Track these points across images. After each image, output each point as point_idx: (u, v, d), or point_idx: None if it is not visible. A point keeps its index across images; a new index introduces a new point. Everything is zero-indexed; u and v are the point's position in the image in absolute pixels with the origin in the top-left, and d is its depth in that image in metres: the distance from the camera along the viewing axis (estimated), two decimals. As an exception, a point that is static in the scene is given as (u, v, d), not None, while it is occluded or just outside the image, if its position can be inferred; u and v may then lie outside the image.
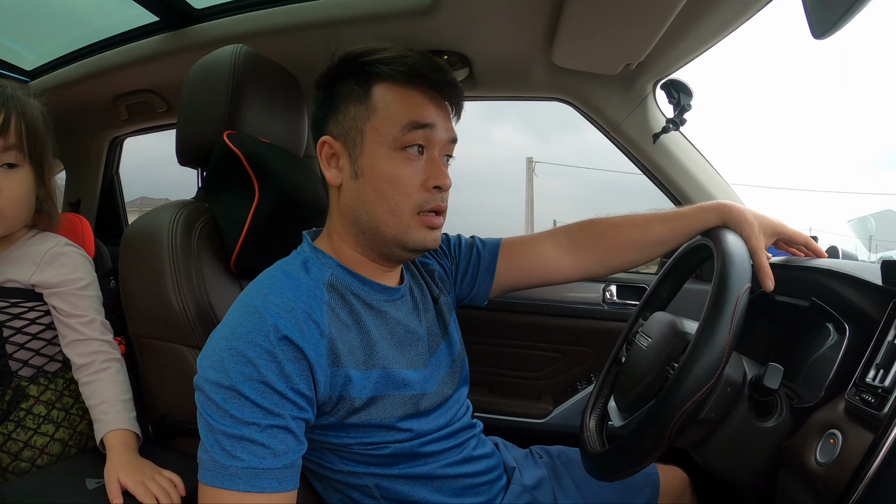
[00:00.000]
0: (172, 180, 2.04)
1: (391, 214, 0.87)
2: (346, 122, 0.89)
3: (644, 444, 0.78)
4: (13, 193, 1.02)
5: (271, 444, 0.73)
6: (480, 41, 1.57)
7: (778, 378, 0.82)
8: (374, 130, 0.87)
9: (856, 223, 1.62)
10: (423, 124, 0.87)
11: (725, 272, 0.82)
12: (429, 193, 0.88)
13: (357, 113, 0.88)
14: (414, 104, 0.87)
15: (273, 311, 0.77)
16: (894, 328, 0.77)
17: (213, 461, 0.72)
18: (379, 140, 0.86)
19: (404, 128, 0.86)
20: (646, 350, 0.94)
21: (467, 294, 1.16)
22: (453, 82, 0.91)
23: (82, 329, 1.05)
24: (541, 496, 1.07)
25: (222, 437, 0.72)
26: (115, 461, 0.95)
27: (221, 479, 0.72)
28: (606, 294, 1.84)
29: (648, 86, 1.67)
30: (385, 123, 0.86)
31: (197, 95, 1.21)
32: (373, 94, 0.87)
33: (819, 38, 0.81)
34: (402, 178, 0.86)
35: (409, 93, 0.88)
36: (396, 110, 0.86)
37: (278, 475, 0.73)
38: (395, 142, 0.86)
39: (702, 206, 1.08)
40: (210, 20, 1.66)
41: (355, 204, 0.89)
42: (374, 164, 0.86)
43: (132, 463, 0.95)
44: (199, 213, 1.12)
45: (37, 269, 1.05)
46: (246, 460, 0.72)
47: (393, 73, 0.87)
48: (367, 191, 0.87)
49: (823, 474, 0.74)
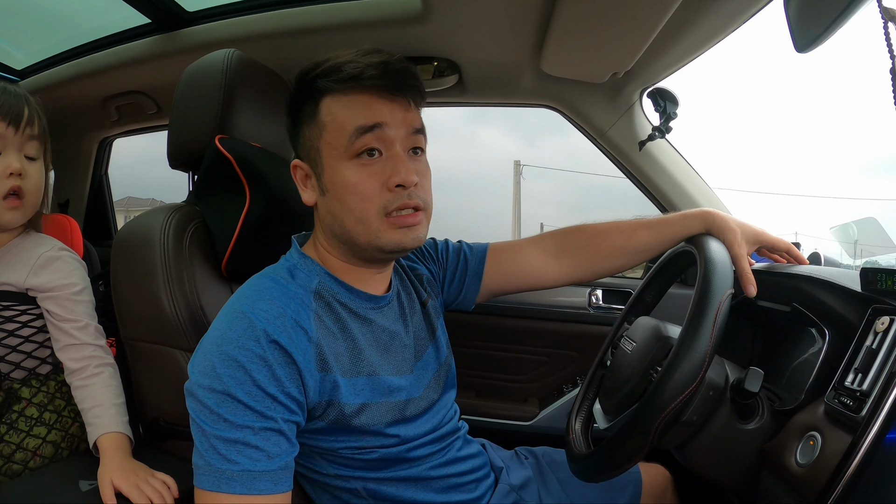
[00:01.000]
0: (159, 181, 2.03)
1: (359, 223, 0.85)
2: (305, 144, 0.89)
3: (628, 446, 0.80)
4: (36, 182, 1.06)
5: (265, 447, 0.74)
6: (470, 48, 1.58)
7: (758, 381, 0.83)
8: (327, 146, 0.86)
9: (838, 230, 1.64)
10: (370, 126, 0.84)
11: (708, 278, 0.84)
12: (392, 193, 0.85)
13: (311, 132, 0.88)
14: (358, 109, 0.85)
15: (262, 317, 0.78)
16: (872, 333, 0.78)
17: (208, 465, 0.73)
18: (333, 154, 0.86)
19: (352, 135, 0.84)
20: (630, 354, 0.95)
21: (454, 299, 1.16)
22: (403, 71, 0.87)
23: (76, 333, 1.05)
24: (527, 496, 1.09)
25: (217, 442, 0.73)
26: (109, 464, 0.95)
27: (218, 482, 0.72)
28: (592, 298, 1.86)
29: (635, 94, 1.69)
30: (335, 136, 0.85)
31: (189, 99, 1.21)
32: (320, 110, 0.87)
33: (801, 52, 0.83)
34: (361, 185, 0.84)
35: (352, 99, 0.85)
36: (342, 120, 0.85)
37: (273, 477, 0.74)
38: (347, 151, 0.84)
39: (686, 214, 1.10)
40: (202, 23, 1.66)
41: (329, 219, 0.89)
42: (335, 177, 0.86)
43: (126, 466, 0.95)
44: (191, 217, 1.13)
45: (31, 272, 1.05)
46: (241, 463, 0.72)
47: (333, 84, 0.85)
48: (335, 205, 0.87)
49: (803, 475, 0.75)
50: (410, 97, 0.88)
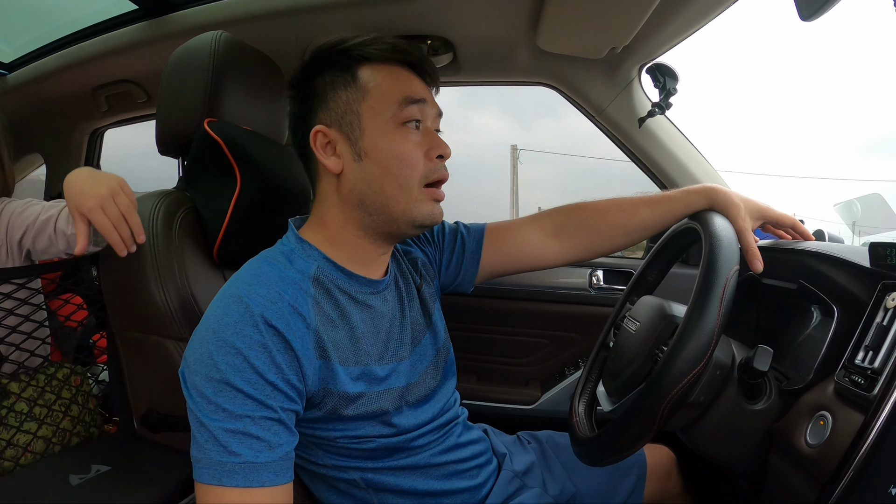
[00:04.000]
0: (154, 173, 2.01)
1: (400, 189, 0.86)
2: (338, 108, 0.88)
3: (634, 429, 0.78)
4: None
5: (266, 437, 0.72)
6: (464, 25, 1.55)
7: (767, 360, 0.82)
8: (370, 110, 0.86)
9: (842, 207, 1.63)
10: (417, 99, 0.88)
11: (714, 255, 0.81)
12: (433, 163, 0.88)
13: (349, 97, 0.87)
14: (403, 80, 0.89)
15: (260, 302, 0.76)
16: (882, 310, 0.77)
17: (209, 459, 0.71)
18: (377, 119, 0.86)
19: (401, 103, 0.86)
20: (634, 334, 0.93)
21: (452, 281, 1.15)
22: (428, 58, 0.94)
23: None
24: (530, 481, 1.08)
25: (217, 433, 0.71)
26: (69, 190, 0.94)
27: (219, 476, 0.70)
28: (593, 279, 1.84)
29: (634, 70, 1.66)
30: (380, 102, 0.86)
31: (176, 83, 1.19)
32: (360, 77, 0.87)
33: (807, 21, 0.80)
34: (407, 152, 0.86)
35: (395, 70, 0.89)
36: (389, 87, 0.87)
37: (276, 468, 0.72)
38: (395, 118, 0.86)
39: (688, 190, 1.08)
40: (189, 7, 1.63)
41: (361, 186, 0.87)
42: (378, 142, 0.86)
43: (84, 184, 0.94)
44: (180, 203, 1.11)
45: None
46: (243, 455, 0.70)
47: (377, 52, 0.88)
48: (374, 169, 0.86)
49: (814, 456, 0.74)
50: (434, 82, 0.95)
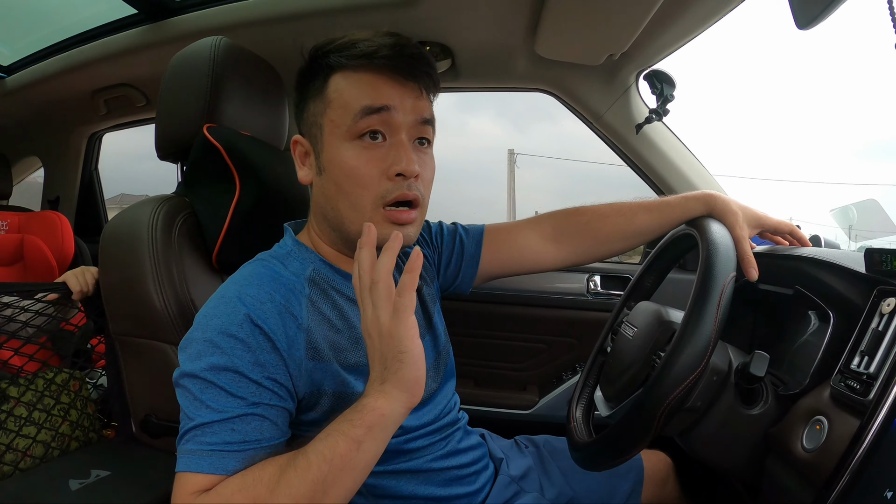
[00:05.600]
0: (153, 176, 2.02)
1: (352, 209, 0.83)
2: (308, 119, 0.87)
3: (632, 434, 0.78)
4: None
5: (244, 432, 0.71)
6: (463, 32, 1.56)
7: (764, 365, 0.82)
8: (330, 123, 0.83)
9: (838, 212, 1.63)
10: (378, 108, 0.81)
11: (711, 261, 0.82)
12: (391, 182, 0.82)
13: (315, 108, 0.86)
14: (366, 88, 0.82)
15: (248, 302, 0.76)
16: (878, 315, 0.77)
17: (183, 449, 0.70)
18: (335, 132, 0.83)
19: (357, 115, 0.81)
20: (632, 339, 0.93)
21: (451, 283, 1.15)
22: (418, 56, 0.84)
23: None
24: (527, 486, 1.07)
25: (198, 428, 0.70)
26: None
27: (188, 463, 0.69)
28: (590, 284, 1.84)
29: (631, 76, 1.67)
30: (339, 113, 0.82)
31: (176, 88, 1.19)
32: (328, 86, 0.84)
33: (803, 29, 0.81)
34: (360, 168, 0.81)
35: (362, 78, 0.82)
36: (350, 98, 0.82)
37: (244, 458, 0.70)
38: (350, 131, 0.81)
39: (687, 196, 1.08)
40: (189, 12, 1.64)
41: (322, 200, 0.87)
42: (333, 157, 0.83)
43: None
44: (180, 209, 1.11)
45: None
46: (213, 444, 0.69)
47: (346, 60, 0.82)
48: (330, 186, 0.84)
49: (810, 460, 0.74)
50: (423, 85, 0.85)
